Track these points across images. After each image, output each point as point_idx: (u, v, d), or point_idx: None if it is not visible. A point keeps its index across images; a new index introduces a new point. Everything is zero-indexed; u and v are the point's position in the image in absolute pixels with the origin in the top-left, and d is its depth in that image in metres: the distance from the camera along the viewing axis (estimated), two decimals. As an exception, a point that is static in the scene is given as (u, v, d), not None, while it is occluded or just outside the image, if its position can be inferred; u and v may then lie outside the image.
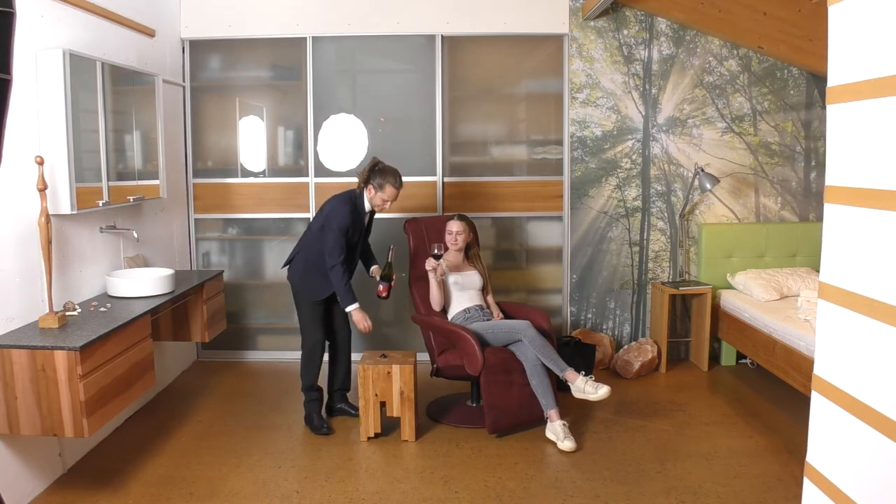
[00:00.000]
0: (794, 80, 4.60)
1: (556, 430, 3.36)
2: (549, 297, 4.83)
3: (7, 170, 2.73)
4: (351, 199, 3.57)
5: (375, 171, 3.55)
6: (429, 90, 4.61)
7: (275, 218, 4.75)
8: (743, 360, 4.65)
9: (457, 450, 3.36)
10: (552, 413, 3.41)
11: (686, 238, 4.69)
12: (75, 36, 3.24)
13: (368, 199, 3.57)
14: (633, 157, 4.64)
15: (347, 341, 3.78)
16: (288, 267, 3.71)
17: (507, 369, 3.47)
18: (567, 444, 3.31)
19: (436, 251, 3.61)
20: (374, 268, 3.76)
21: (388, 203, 3.57)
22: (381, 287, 3.55)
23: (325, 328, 3.69)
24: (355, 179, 4.60)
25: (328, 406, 3.80)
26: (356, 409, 3.58)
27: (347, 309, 3.51)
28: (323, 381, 3.74)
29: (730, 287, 4.54)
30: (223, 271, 4.21)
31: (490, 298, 3.90)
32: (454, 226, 3.80)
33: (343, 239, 3.47)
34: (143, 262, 3.89)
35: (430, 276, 3.65)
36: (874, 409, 1.46)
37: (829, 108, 1.63)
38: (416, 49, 4.63)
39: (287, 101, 4.78)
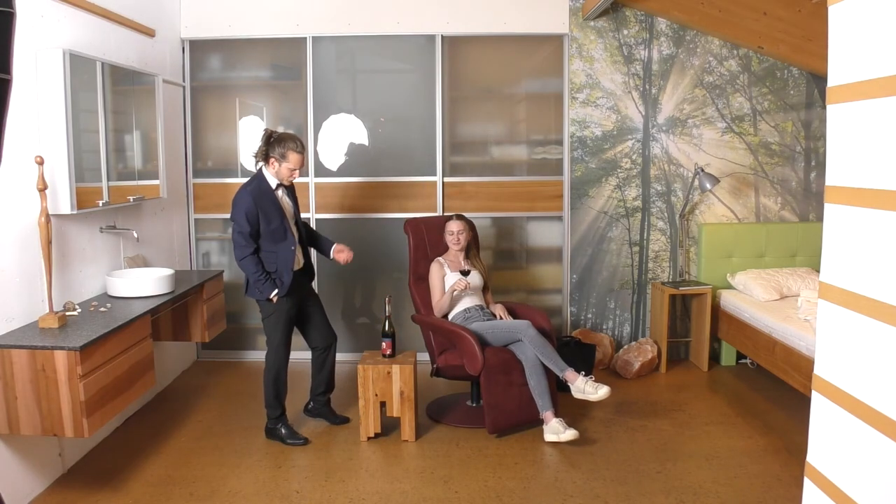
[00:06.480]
0: (794, 80, 4.60)
1: (555, 427, 3.35)
2: (549, 297, 4.83)
3: (7, 170, 2.73)
4: (251, 182, 3.29)
5: (271, 142, 3.26)
6: (429, 90, 4.61)
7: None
8: (743, 360, 4.65)
9: (457, 450, 3.36)
10: (547, 414, 3.40)
11: (686, 238, 4.69)
12: (75, 36, 3.24)
13: (274, 174, 3.29)
14: (633, 157, 4.64)
15: (330, 345, 3.62)
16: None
17: (507, 369, 3.47)
18: (569, 434, 3.30)
19: (465, 267, 3.76)
20: (335, 247, 3.55)
21: (297, 172, 3.31)
22: (384, 345, 3.51)
23: (292, 336, 3.49)
24: (355, 179, 4.68)
25: (307, 408, 3.72)
26: (339, 417, 3.61)
27: (270, 296, 3.31)
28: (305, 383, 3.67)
29: (730, 287, 4.54)
30: (223, 271, 4.20)
31: (490, 297, 3.90)
32: (454, 225, 3.80)
33: (248, 227, 3.20)
34: (143, 262, 3.89)
35: (450, 293, 3.66)
36: (874, 409, 1.46)
37: (829, 108, 1.63)
38: (416, 49, 4.63)
39: (287, 101, 4.78)
